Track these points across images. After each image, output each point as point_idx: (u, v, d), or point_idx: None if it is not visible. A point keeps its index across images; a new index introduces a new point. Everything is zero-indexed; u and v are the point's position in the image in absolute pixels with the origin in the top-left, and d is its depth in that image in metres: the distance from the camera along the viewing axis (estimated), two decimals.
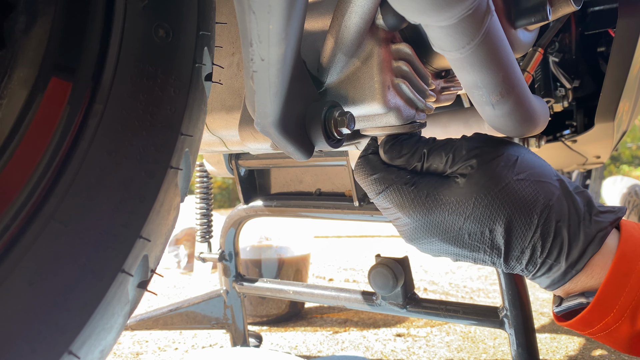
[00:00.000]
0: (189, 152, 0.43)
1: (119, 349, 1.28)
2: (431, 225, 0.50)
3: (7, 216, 0.36)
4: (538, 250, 0.48)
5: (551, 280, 0.50)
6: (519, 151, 0.51)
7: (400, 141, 0.53)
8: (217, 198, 7.37)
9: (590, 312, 0.48)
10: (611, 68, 0.88)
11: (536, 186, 0.48)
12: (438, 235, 0.50)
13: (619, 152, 7.49)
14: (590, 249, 0.47)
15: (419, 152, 0.52)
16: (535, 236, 0.47)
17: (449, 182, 0.50)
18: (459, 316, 0.87)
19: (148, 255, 0.41)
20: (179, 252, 2.38)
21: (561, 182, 0.50)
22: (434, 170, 0.52)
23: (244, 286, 1.16)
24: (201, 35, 0.43)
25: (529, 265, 0.49)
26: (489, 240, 0.49)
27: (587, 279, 0.48)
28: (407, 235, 0.53)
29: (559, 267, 0.48)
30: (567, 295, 0.51)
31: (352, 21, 0.44)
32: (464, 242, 0.50)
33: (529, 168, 0.49)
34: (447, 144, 0.52)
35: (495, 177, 0.48)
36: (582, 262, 0.48)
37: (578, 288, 0.50)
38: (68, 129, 0.38)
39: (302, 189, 1.06)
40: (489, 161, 0.49)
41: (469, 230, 0.49)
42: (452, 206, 0.49)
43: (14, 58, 0.39)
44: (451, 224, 0.49)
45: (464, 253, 0.51)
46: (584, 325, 0.49)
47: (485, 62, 0.43)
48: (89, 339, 0.37)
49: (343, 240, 3.34)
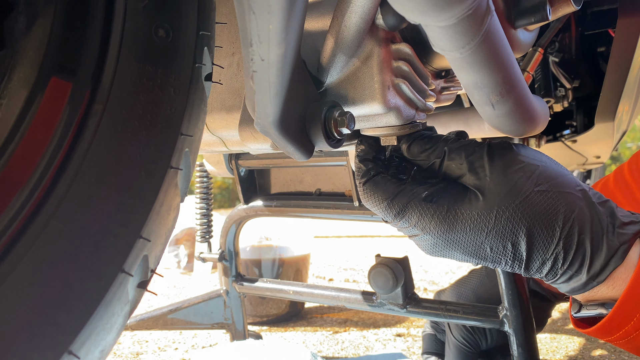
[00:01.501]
0: (189, 152, 0.43)
1: (119, 349, 1.28)
2: (451, 241, 0.49)
3: (7, 216, 0.36)
4: (560, 262, 0.47)
5: (571, 288, 0.49)
6: (541, 160, 0.50)
7: (423, 137, 0.53)
8: (217, 198, 7.37)
9: (610, 320, 0.47)
10: (611, 68, 0.88)
11: (558, 197, 0.47)
12: (458, 250, 0.50)
13: (619, 152, 7.49)
14: (612, 262, 0.46)
15: (440, 149, 0.51)
16: (557, 248, 0.46)
17: (469, 196, 0.49)
18: (459, 316, 0.87)
19: (148, 255, 0.41)
20: (179, 252, 2.38)
21: (584, 192, 0.49)
22: (451, 170, 0.51)
23: (244, 286, 1.16)
24: (201, 35, 0.43)
25: (548, 274, 0.48)
26: (510, 254, 0.48)
27: (608, 290, 0.48)
28: (427, 249, 0.52)
29: (580, 278, 0.47)
30: (587, 302, 0.50)
31: (352, 21, 0.44)
32: (485, 255, 0.49)
33: (551, 179, 0.48)
34: (469, 145, 0.51)
35: (516, 189, 0.47)
36: (604, 275, 0.47)
37: (598, 296, 0.49)
38: (68, 129, 0.38)
39: (302, 189, 1.06)
40: (509, 172, 0.48)
41: (490, 244, 0.48)
42: (474, 221, 0.48)
43: (14, 58, 0.39)
44: (472, 239, 0.48)
45: (486, 263, 0.50)
46: (604, 332, 0.49)
47: (485, 62, 0.43)
48: (89, 339, 0.37)
49: (343, 240, 3.34)
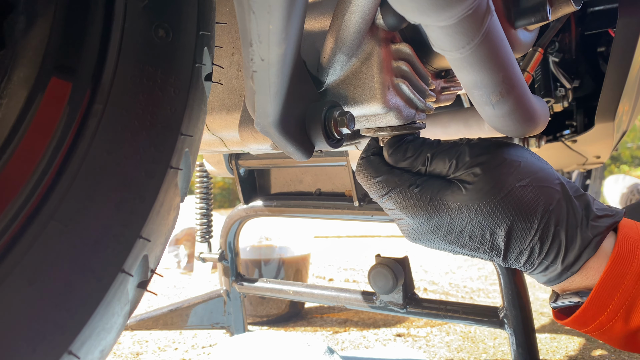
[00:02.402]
0: (189, 152, 0.43)
1: (119, 349, 1.27)
2: (433, 227, 0.51)
3: (7, 216, 0.36)
4: (536, 252, 0.49)
5: (547, 278, 0.51)
6: (523, 155, 0.51)
7: (405, 143, 0.53)
8: (217, 198, 7.36)
9: (584, 312, 0.49)
10: (611, 68, 0.88)
11: (538, 191, 0.49)
12: (440, 236, 0.52)
13: (619, 152, 7.49)
14: (585, 253, 0.48)
15: (423, 156, 0.52)
16: (534, 239, 0.48)
17: (452, 188, 0.50)
18: (459, 316, 0.87)
19: (148, 255, 0.41)
20: (179, 252, 2.38)
21: (562, 185, 0.50)
22: (437, 173, 0.52)
23: (244, 286, 1.16)
24: (201, 35, 0.43)
25: (526, 264, 0.50)
26: (489, 243, 0.50)
27: (582, 280, 0.50)
28: (410, 235, 0.54)
29: (555, 269, 0.49)
30: (563, 292, 0.52)
31: (352, 21, 0.44)
32: (464, 243, 0.51)
33: (532, 173, 0.50)
34: (451, 148, 0.52)
35: (498, 185, 0.48)
36: (577, 266, 0.49)
37: (573, 287, 0.51)
38: (68, 129, 0.38)
39: (302, 189, 1.06)
40: (492, 168, 0.49)
41: (470, 233, 0.50)
42: (455, 211, 0.49)
43: (14, 58, 0.39)
44: (453, 227, 0.50)
45: (463, 251, 0.52)
46: (579, 323, 0.51)
47: (485, 62, 0.43)
48: (89, 339, 0.37)
49: (343, 240, 3.34)
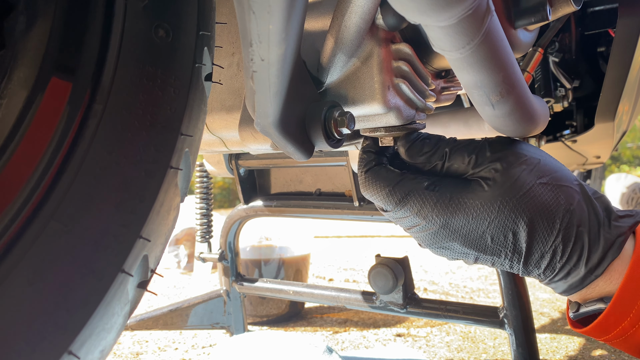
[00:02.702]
0: (189, 152, 0.43)
1: (119, 349, 1.28)
2: (452, 230, 0.49)
3: (7, 216, 0.36)
4: (558, 255, 0.47)
5: (568, 285, 0.49)
6: (540, 154, 0.51)
7: (422, 139, 0.52)
8: (217, 198, 7.36)
9: (606, 317, 0.47)
10: (611, 68, 0.88)
11: (558, 190, 0.48)
12: (459, 240, 0.50)
13: (619, 152, 7.49)
14: (610, 254, 0.47)
15: (441, 151, 0.51)
16: (557, 240, 0.47)
17: (472, 185, 0.49)
18: (459, 316, 0.87)
19: (148, 255, 0.41)
20: (179, 252, 2.38)
21: (581, 186, 0.49)
22: (454, 170, 0.51)
23: (244, 286, 1.16)
24: (201, 35, 0.43)
25: (547, 269, 0.48)
26: (511, 245, 0.48)
27: (605, 284, 0.48)
28: (426, 241, 0.52)
29: (578, 273, 0.48)
30: (584, 301, 0.50)
31: (352, 21, 0.44)
32: (485, 246, 0.49)
33: (551, 172, 0.49)
34: (469, 144, 0.51)
35: (520, 181, 0.47)
36: (602, 268, 0.47)
37: (595, 294, 0.49)
38: (68, 129, 0.38)
39: (302, 189, 1.06)
40: (513, 164, 0.48)
41: (492, 233, 0.48)
42: (477, 210, 0.48)
43: (14, 58, 0.39)
44: (474, 228, 0.49)
45: (483, 257, 0.50)
46: (601, 331, 0.49)
47: (485, 62, 0.43)
48: (89, 339, 0.37)
49: (343, 240, 3.34)
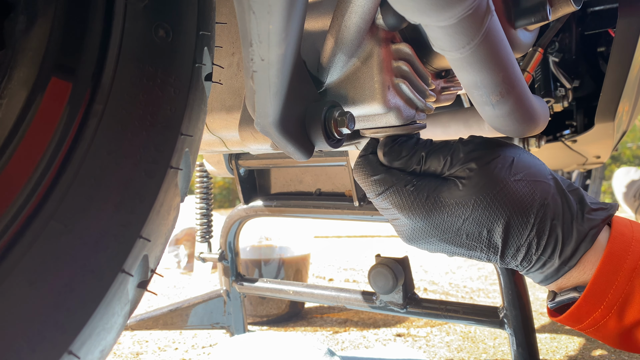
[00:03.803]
0: (189, 152, 0.43)
1: (119, 349, 1.28)
2: (430, 226, 0.51)
3: (7, 216, 0.36)
4: (533, 248, 0.49)
5: (544, 275, 0.51)
6: (515, 152, 0.52)
7: (399, 143, 0.53)
8: (217, 198, 7.36)
9: (578, 307, 0.49)
10: (611, 68, 0.88)
11: (532, 186, 0.49)
12: (436, 236, 0.52)
13: (619, 152, 7.49)
14: (582, 247, 0.49)
15: (417, 155, 0.52)
16: (531, 234, 0.48)
17: (448, 184, 0.50)
18: (459, 316, 0.87)
19: (148, 255, 0.41)
20: (179, 252, 2.38)
21: (555, 180, 0.51)
22: (432, 172, 0.52)
23: (244, 286, 1.16)
24: (201, 35, 0.43)
25: (523, 261, 0.50)
26: (486, 240, 0.50)
27: (579, 275, 0.50)
28: (406, 236, 0.54)
29: (552, 264, 0.50)
30: (560, 290, 0.52)
31: (352, 21, 0.44)
32: (461, 242, 0.51)
33: (525, 168, 0.50)
34: (444, 146, 0.52)
35: (493, 179, 0.49)
36: (575, 259, 0.49)
37: (570, 283, 0.51)
38: (68, 129, 0.38)
39: (302, 189, 1.06)
40: (486, 163, 0.49)
41: (467, 230, 0.50)
42: (452, 208, 0.50)
43: (14, 58, 0.39)
44: (450, 225, 0.50)
45: (460, 251, 0.52)
46: (574, 320, 0.51)
47: (485, 62, 0.43)
48: (89, 339, 0.37)
49: (343, 240, 3.34)
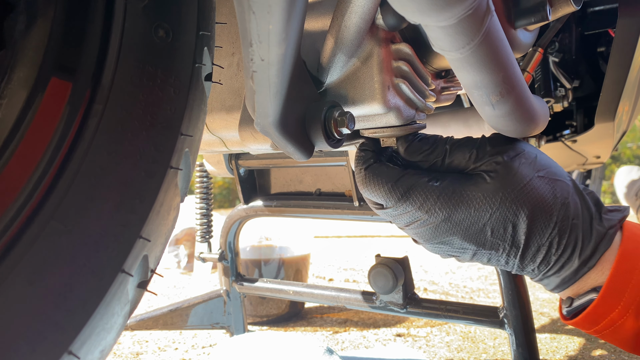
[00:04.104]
0: (189, 152, 0.43)
1: (119, 349, 1.28)
2: (454, 223, 0.50)
3: (7, 216, 0.36)
4: (554, 248, 0.49)
5: (561, 279, 0.51)
6: (535, 150, 0.52)
7: (420, 138, 0.53)
8: (217, 198, 7.36)
9: (595, 308, 0.49)
10: (611, 68, 0.88)
11: (553, 184, 0.50)
12: (459, 233, 0.50)
13: (619, 152, 7.49)
14: (602, 246, 0.49)
15: (440, 148, 0.52)
16: (553, 232, 0.48)
17: (475, 179, 0.50)
18: (459, 316, 0.87)
19: (148, 255, 0.41)
20: (179, 252, 2.38)
21: (573, 181, 0.52)
22: (455, 166, 0.52)
23: (244, 286, 1.16)
24: (201, 35, 0.43)
25: (542, 263, 0.49)
26: (510, 237, 0.49)
27: (597, 276, 0.49)
28: (425, 236, 0.52)
29: (571, 265, 0.49)
30: (576, 295, 0.52)
31: (352, 21, 0.44)
32: (485, 239, 0.50)
33: (547, 166, 0.51)
34: (469, 141, 0.52)
35: (520, 173, 0.49)
36: (595, 259, 0.49)
37: (588, 286, 0.50)
38: (68, 129, 0.38)
39: (302, 189, 1.06)
40: (513, 157, 0.50)
41: (492, 226, 0.49)
42: (479, 202, 0.49)
43: (14, 58, 0.39)
44: (475, 220, 0.49)
45: (481, 252, 0.51)
46: (591, 322, 0.50)
47: (485, 62, 0.43)
48: (89, 339, 0.37)
49: (343, 240, 3.34)
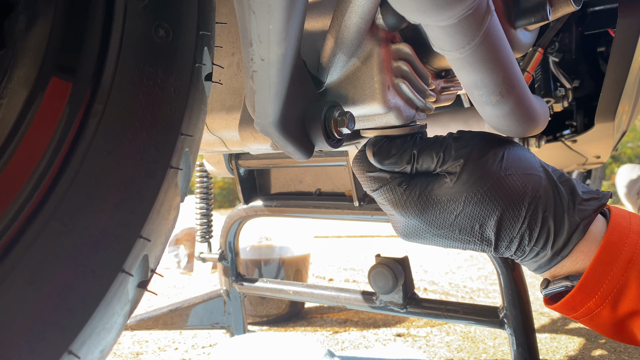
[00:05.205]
0: (189, 152, 0.43)
1: (119, 349, 1.28)
2: (423, 223, 0.52)
3: (7, 216, 0.36)
4: (526, 240, 0.50)
5: (538, 265, 0.52)
6: (505, 146, 0.52)
7: (388, 142, 0.53)
8: (217, 198, 7.36)
9: (573, 296, 0.50)
10: (611, 68, 0.88)
11: (523, 179, 0.50)
12: (430, 232, 0.52)
13: (619, 151, 7.49)
14: (574, 237, 0.49)
15: (407, 153, 0.52)
16: (522, 227, 0.49)
17: (439, 181, 0.51)
18: (459, 316, 0.87)
19: (148, 255, 0.41)
20: (179, 252, 2.38)
21: (546, 172, 0.52)
22: (425, 170, 0.52)
23: (244, 286, 1.16)
24: (201, 35, 0.43)
25: (517, 252, 0.51)
26: (478, 234, 0.51)
27: (572, 264, 0.51)
28: (402, 232, 0.55)
29: (545, 254, 0.50)
30: (554, 278, 0.53)
31: (352, 21, 0.44)
32: (454, 237, 0.52)
33: (516, 162, 0.51)
34: (435, 142, 0.52)
35: (484, 175, 0.49)
36: (567, 250, 0.50)
37: (564, 272, 0.52)
38: (68, 129, 0.38)
39: (302, 189, 1.06)
40: (477, 159, 0.50)
41: (459, 225, 0.51)
42: (444, 204, 0.50)
43: (14, 58, 0.39)
44: (443, 221, 0.51)
45: (455, 244, 0.53)
46: (568, 308, 0.51)
47: (485, 62, 0.43)
48: (89, 338, 0.37)
49: (343, 240, 3.34)
